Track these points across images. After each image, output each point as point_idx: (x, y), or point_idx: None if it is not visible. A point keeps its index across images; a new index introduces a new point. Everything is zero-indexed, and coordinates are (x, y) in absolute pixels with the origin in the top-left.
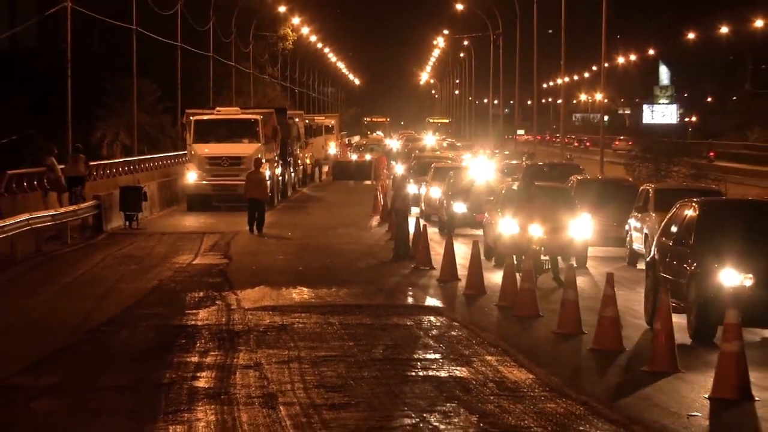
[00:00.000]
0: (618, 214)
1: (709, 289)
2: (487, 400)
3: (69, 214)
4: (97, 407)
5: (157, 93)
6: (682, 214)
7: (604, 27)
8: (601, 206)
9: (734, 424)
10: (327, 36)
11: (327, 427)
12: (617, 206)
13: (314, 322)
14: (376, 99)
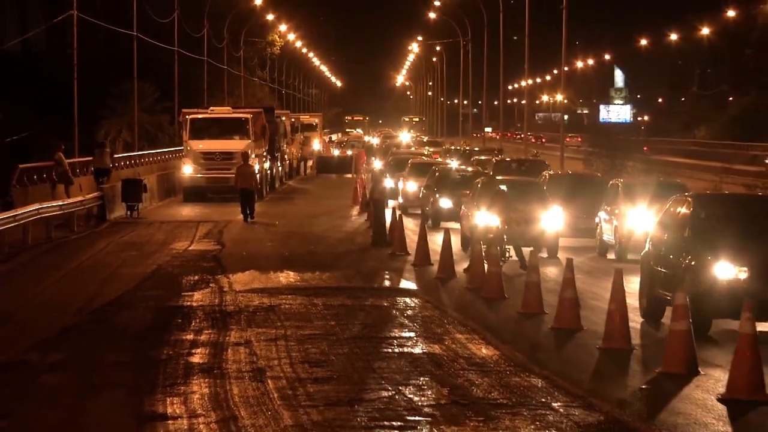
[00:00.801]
0: (587, 207)
1: (703, 283)
2: (457, 375)
3: (75, 205)
4: (100, 382)
5: (156, 94)
6: (676, 208)
7: (564, 35)
8: (572, 199)
9: (680, 395)
10: (311, 42)
11: (311, 398)
12: (586, 199)
13: (299, 303)
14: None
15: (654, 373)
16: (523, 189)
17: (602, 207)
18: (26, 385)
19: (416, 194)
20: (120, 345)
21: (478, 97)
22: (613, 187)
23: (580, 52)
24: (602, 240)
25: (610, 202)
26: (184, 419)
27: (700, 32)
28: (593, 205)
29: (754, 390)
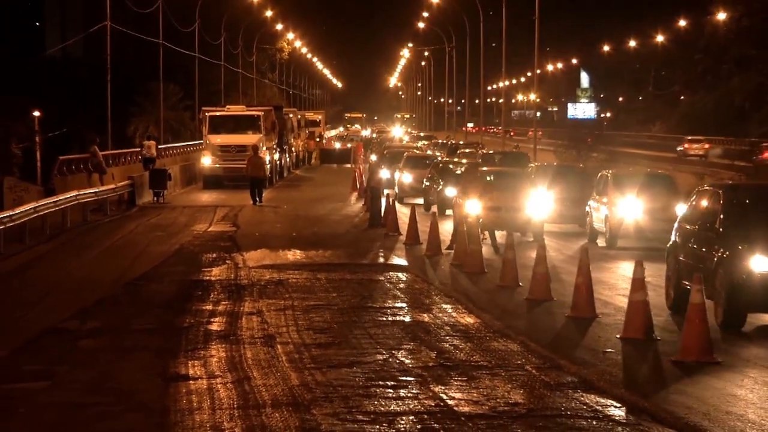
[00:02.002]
0: (573, 195)
1: (738, 276)
2: (443, 340)
3: (108, 192)
4: (131, 345)
5: (179, 94)
6: (704, 199)
7: (536, 41)
8: (559, 188)
9: (638, 356)
10: (315, 48)
11: (315, 361)
12: (572, 188)
13: (305, 277)
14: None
15: (616, 339)
16: (510, 178)
17: (592, 196)
18: (66, 348)
19: (411, 185)
20: (148, 314)
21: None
22: (603, 177)
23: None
24: (592, 227)
25: (600, 192)
26: (204, 379)
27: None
28: (579, 193)
29: (703, 353)
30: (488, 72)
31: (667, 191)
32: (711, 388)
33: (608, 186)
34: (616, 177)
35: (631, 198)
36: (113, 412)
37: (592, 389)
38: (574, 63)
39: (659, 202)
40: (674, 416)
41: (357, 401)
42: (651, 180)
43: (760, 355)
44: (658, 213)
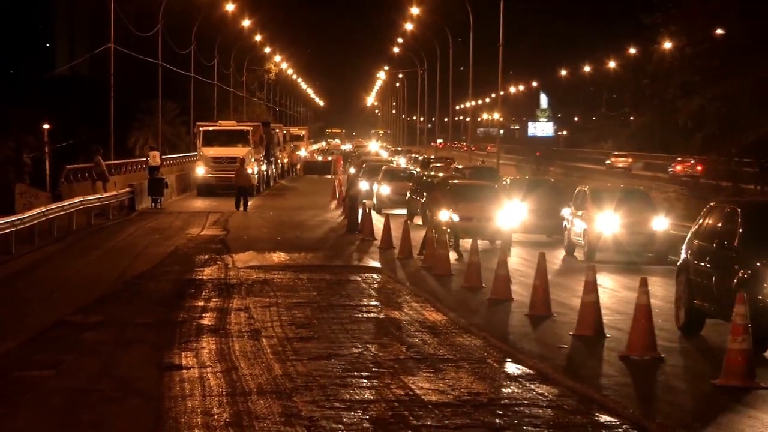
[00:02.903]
0: (544, 207)
1: (762, 296)
2: (413, 335)
3: (111, 198)
4: (130, 338)
5: (176, 110)
6: (718, 215)
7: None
8: (531, 200)
9: (588, 352)
10: (300, 70)
11: (297, 353)
12: (543, 200)
13: (288, 277)
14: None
15: (569, 336)
16: (480, 191)
17: (570, 210)
18: (72, 340)
19: (389, 196)
20: (146, 309)
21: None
22: (581, 192)
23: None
24: (570, 240)
25: (578, 206)
26: (195, 369)
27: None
28: (550, 205)
29: (648, 349)
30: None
31: (644, 206)
32: (654, 382)
33: (587, 201)
34: (594, 192)
35: (609, 213)
36: (114, 397)
37: (547, 381)
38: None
39: (636, 216)
40: (620, 405)
41: (334, 390)
42: (628, 195)
43: (700, 348)
44: (635, 227)
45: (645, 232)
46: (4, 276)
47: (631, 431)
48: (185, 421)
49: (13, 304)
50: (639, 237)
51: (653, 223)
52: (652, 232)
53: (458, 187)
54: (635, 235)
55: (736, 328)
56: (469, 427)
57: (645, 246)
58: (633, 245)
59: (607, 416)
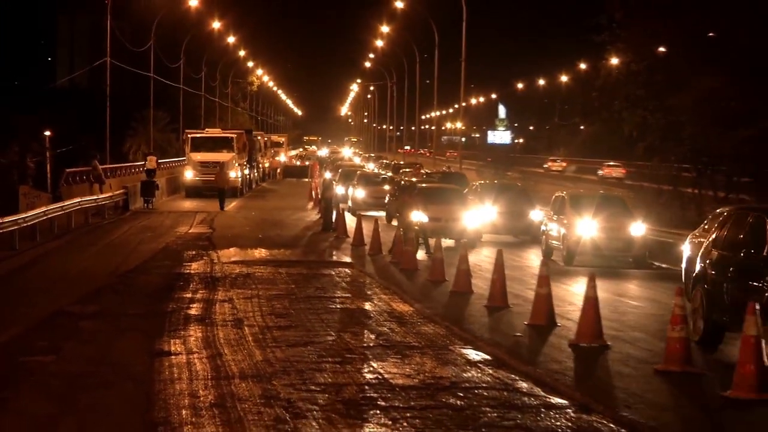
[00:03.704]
0: (512, 209)
1: None
2: (382, 325)
3: (106, 199)
4: (124, 327)
5: (166, 119)
6: (739, 224)
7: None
8: (500, 203)
9: (540, 339)
10: (280, 82)
11: (276, 341)
12: (511, 203)
13: (269, 271)
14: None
15: (524, 325)
16: (447, 194)
17: (547, 215)
18: (70, 328)
19: (363, 199)
20: (138, 300)
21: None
22: (559, 198)
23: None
24: (548, 244)
25: (557, 212)
26: (183, 355)
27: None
28: (518, 208)
29: (595, 337)
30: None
31: (622, 212)
32: (600, 367)
33: (565, 206)
34: (572, 198)
35: (588, 218)
36: (109, 381)
37: (504, 366)
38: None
39: (614, 222)
40: (570, 388)
41: (310, 374)
42: (605, 201)
43: (638, 338)
44: (613, 232)
45: (623, 237)
46: (9, 270)
47: (579, 412)
48: (174, 402)
49: (16, 296)
50: (617, 242)
51: (631, 229)
52: (630, 237)
53: (428, 191)
54: (613, 240)
55: (675, 318)
56: (433, 408)
57: (623, 251)
58: (611, 250)
59: (558, 398)
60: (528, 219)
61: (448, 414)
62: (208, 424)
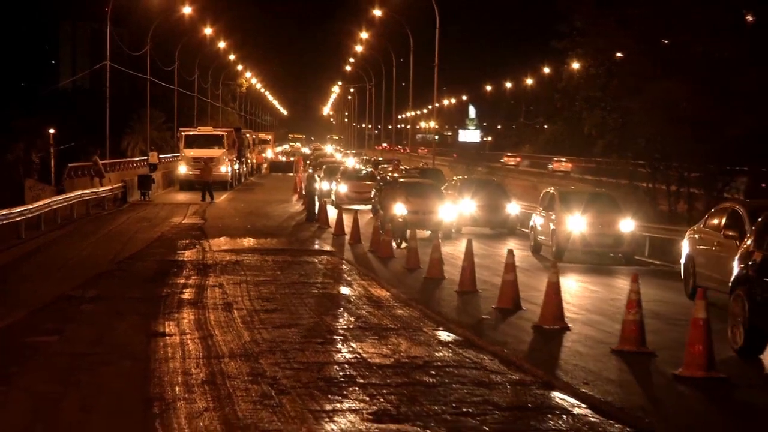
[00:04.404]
0: (490, 203)
1: None
2: (361, 308)
3: (106, 191)
4: (122, 310)
5: (162, 118)
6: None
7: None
8: (478, 198)
9: (506, 321)
10: (267, 84)
11: (263, 323)
12: (489, 198)
13: (256, 258)
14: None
15: (492, 308)
16: (425, 188)
17: (537, 212)
18: (72, 311)
19: (346, 193)
20: (135, 285)
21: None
22: (548, 195)
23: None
24: (536, 240)
25: (546, 208)
26: (177, 336)
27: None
28: (495, 202)
29: (557, 320)
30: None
31: (611, 209)
32: (561, 347)
33: (554, 203)
34: (562, 195)
35: (578, 215)
36: (109, 360)
37: (473, 346)
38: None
39: (603, 218)
40: (534, 366)
41: (294, 354)
42: (594, 198)
43: (597, 321)
44: (602, 229)
45: (612, 234)
46: (15, 257)
47: (542, 388)
48: (168, 379)
49: (22, 281)
50: (606, 238)
51: (620, 225)
52: (619, 233)
53: (407, 185)
54: (603, 236)
55: (630, 303)
56: (407, 385)
57: (612, 247)
58: (601, 246)
59: (522, 375)
60: (504, 212)
61: (421, 390)
62: (200, 399)
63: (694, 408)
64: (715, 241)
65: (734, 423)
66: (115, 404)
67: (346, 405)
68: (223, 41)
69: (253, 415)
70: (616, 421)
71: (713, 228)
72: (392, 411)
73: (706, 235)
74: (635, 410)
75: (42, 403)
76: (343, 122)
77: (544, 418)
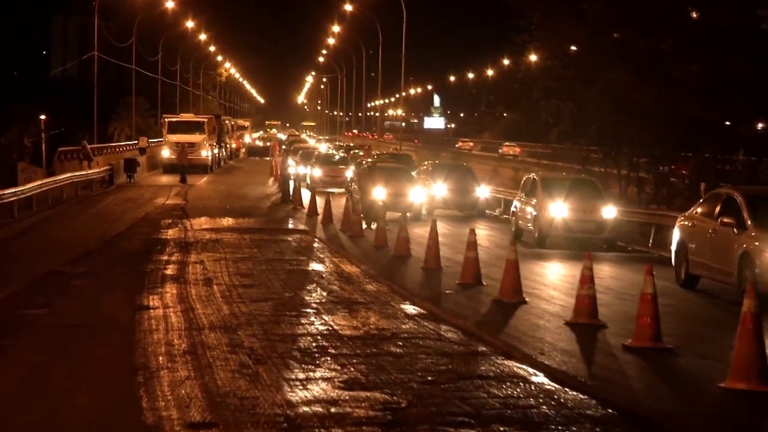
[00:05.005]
0: (460, 187)
1: None
2: (333, 283)
3: (94, 174)
4: (109, 284)
5: (146, 105)
6: None
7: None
8: (449, 182)
9: (469, 296)
10: (245, 74)
11: (241, 297)
12: (459, 182)
13: (235, 237)
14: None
15: (454, 284)
16: (397, 172)
17: (518, 197)
18: (62, 286)
19: (321, 177)
20: (121, 262)
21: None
22: (530, 180)
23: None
24: (518, 226)
25: (528, 194)
26: (160, 309)
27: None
28: (464, 186)
29: (515, 294)
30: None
31: (593, 195)
32: (519, 320)
33: (536, 189)
34: (544, 180)
35: (560, 201)
36: (96, 331)
37: (437, 319)
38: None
39: (586, 204)
40: (494, 337)
41: (270, 326)
42: (577, 184)
43: (553, 295)
44: (585, 215)
45: (594, 220)
46: (8, 235)
47: (501, 357)
48: (152, 350)
49: (15, 258)
50: (589, 224)
51: (603, 211)
52: (601, 219)
53: (380, 170)
54: (585, 222)
55: (584, 278)
56: (376, 355)
57: (595, 233)
58: (583, 232)
59: (483, 346)
60: (474, 196)
61: (389, 360)
62: (182, 368)
63: (640, 375)
64: (710, 228)
65: (671, 387)
66: (102, 373)
67: (318, 374)
68: (203, 33)
69: (232, 383)
70: (570, 389)
71: (707, 215)
72: (362, 379)
73: (700, 222)
74: (587, 378)
75: (34, 371)
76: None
77: (504, 385)
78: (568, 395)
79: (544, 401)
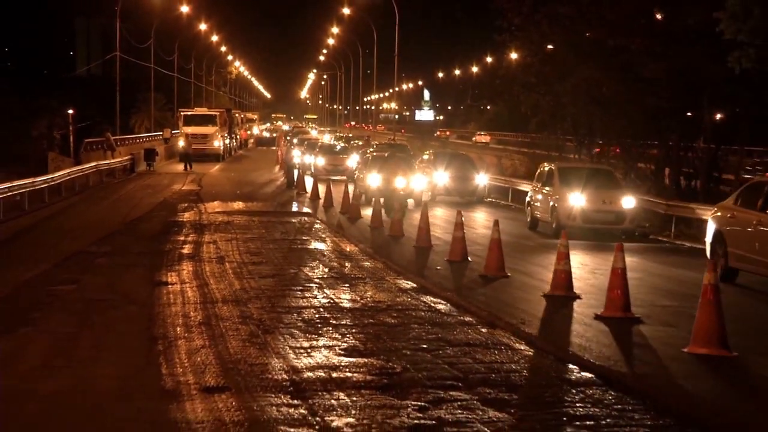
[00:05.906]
0: (461, 175)
1: None
2: (333, 260)
3: (117, 163)
4: (130, 262)
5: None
6: None
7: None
8: (451, 170)
9: (457, 272)
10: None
11: (250, 274)
12: (460, 169)
13: (245, 219)
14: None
15: (444, 261)
16: (399, 160)
17: (534, 187)
18: (88, 264)
19: (324, 166)
20: (142, 242)
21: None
22: (547, 170)
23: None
24: (533, 216)
25: (545, 184)
26: (177, 285)
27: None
28: (464, 173)
29: (498, 270)
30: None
31: (611, 184)
32: (502, 292)
33: (554, 179)
34: (561, 170)
35: (578, 191)
36: (119, 304)
37: (428, 293)
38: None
39: (604, 194)
40: (480, 308)
41: (277, 299)
42: (594, 174)
43: (533, 270)
44: (603, 204)
45: (614, 210)
46: (40, 219)
47: (486, 326)
48: (170, 321)
49: (45, 239)
50: (608, 215)
51: (622, 201)
52: (621, 209)
53: (382, 158)
54: (605, 213)
55: (560, 255)
56: (374, 325)
57: (614, 223)
58: (602, 223)
59: (470, 317)
60: (474, 183)
61: (384, 330)
62: (197, 338)
63: (608, 341)
64: (754, 220)
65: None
66: (124, 342)
67: (321, 342)
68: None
69: (243, 351)
70: (548, 354)
71: (748, 206)
72: (361, 347)
73: (741, 213)
74: (563, 344)
75: (61, 341)
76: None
77: (489, 352)
78: (547, 359)
79: (525, 366)
